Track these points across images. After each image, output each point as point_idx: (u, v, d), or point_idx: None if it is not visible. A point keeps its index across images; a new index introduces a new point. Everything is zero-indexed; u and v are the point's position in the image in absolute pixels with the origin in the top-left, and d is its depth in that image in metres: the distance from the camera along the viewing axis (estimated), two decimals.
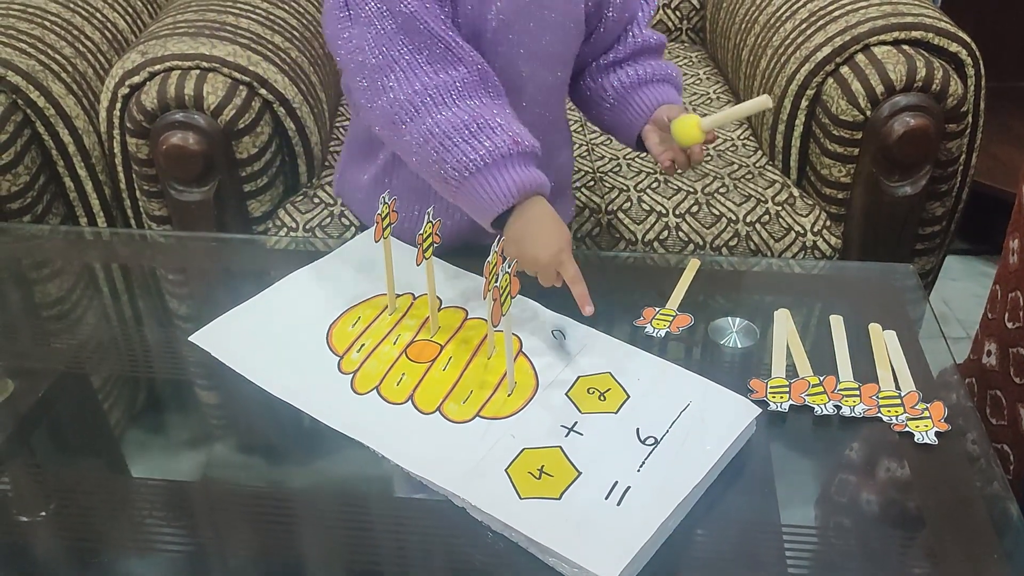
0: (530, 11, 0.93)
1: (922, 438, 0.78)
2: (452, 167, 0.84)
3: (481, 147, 0.82)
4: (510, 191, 0.83)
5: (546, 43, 0.95)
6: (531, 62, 0.96)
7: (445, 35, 0.84)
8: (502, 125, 0.84)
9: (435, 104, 0.84)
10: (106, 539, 0.72)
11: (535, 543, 0.66)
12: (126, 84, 1.26)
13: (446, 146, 0.83)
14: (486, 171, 0.83)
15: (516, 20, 0.92)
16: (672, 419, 0.76)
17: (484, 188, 0.83)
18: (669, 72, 1.04)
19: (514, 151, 0.83)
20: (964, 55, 1.32)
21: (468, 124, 0.83)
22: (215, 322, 0.89)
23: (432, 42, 0.84)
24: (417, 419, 0.77)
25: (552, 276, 0.83)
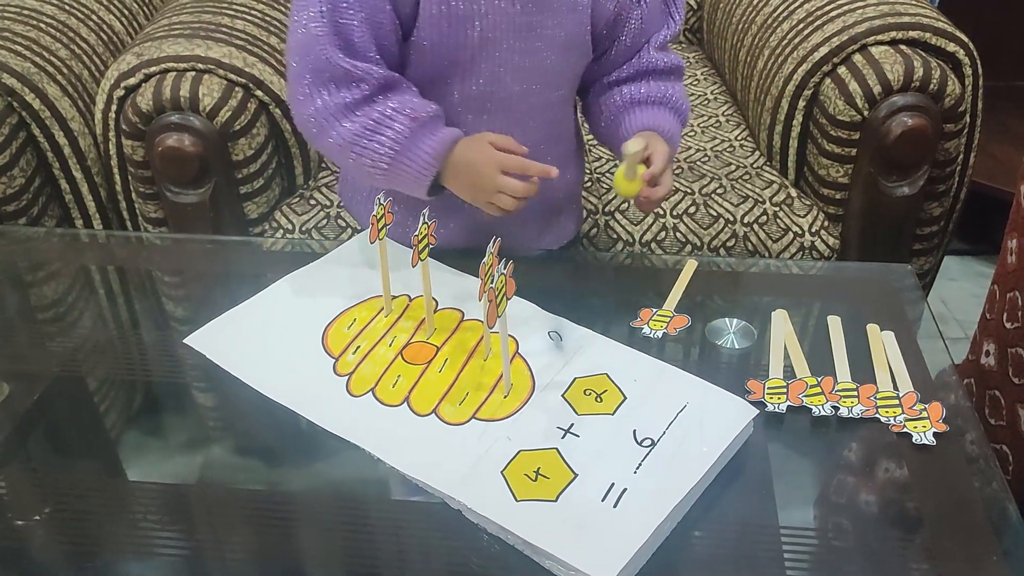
0: (522, 30, 0.91)
1: (920, 439, 0.77)
2: (370, 165, 0.89)
3: (385, 139, 0.87)
4: (427, 163, 0.88)
5: (544, 62, 0.94)
6: (525, 80, 0.94)
7: (342, 63, 0.87)
8: (396, 109, 0.88)
9: (335, 120, 0.88)
10: (102, 542, 0.72)
11: (531, 545, 0.66)
12: (121, 86, 1.26)
13: (356, 151, 0.89)
14: (400, 156, 0.88)
15: (504, 38, 0.91)
16: (669, 420, 0.76)
17: (405, 171, 0.89)
18: (667, 94, 1.01)
19: (415, 126, 0.88)
20: (961, 55, 1.32)
21: (366, 125, 0.88)
22: (210, 324, 0.89)
23: (330, 67, 0.87)
24: (413, 421, 0.77)
25: (507, 201, 0.88)
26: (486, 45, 0.90)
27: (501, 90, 0.93)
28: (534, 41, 0.92)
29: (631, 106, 1.00)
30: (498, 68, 0.92)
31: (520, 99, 0.95)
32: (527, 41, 0.92)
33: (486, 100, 0.93)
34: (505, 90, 0.94)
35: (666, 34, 1.01)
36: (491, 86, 0.93)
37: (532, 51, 0.92)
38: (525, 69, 0.93)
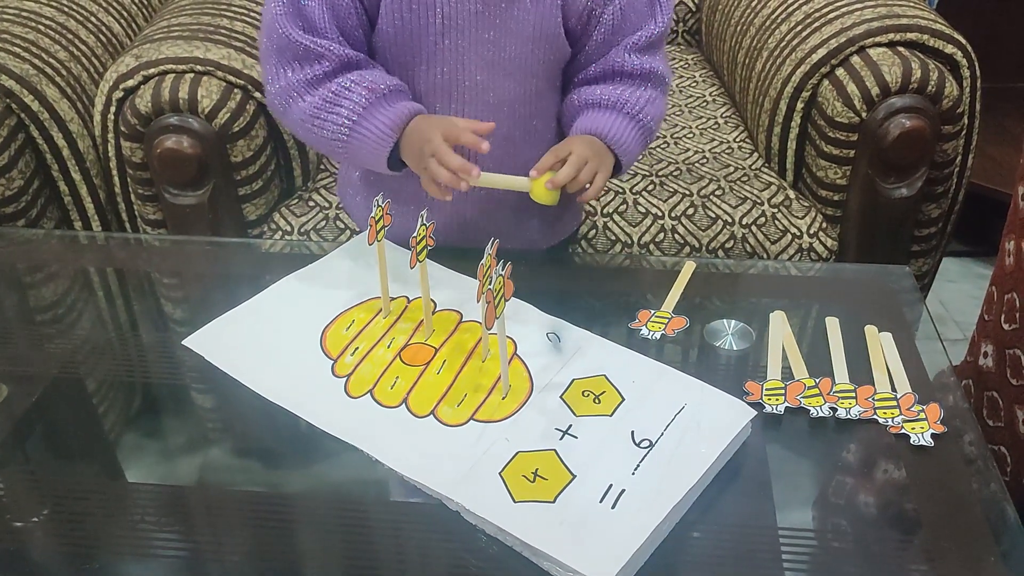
0: (485, 19, 0.91)
1: (918, 440, 0.77)
2: (330, 138, 0.91)
3: (343, 109, 0.89)
4: (384, 133, 0.89)
5: (510, 53, 0.93)
6: (490, 70, 0.94)
7: (301, 40, 0.89)
8: (355, 81, 0.89)
9: (298, 95, 0.91)
10: (101, 543, 0.72)
11: (529, 547, 0.66)
12: (120, 88, 1.26)
13: (317, 124, 0.91)
14: (356, 127, 0.89)
15: (467, 27, 0.91)
16: (667, 422, 0.76)
17: (364, 142, 0.90)
18: (623, 98, 0.96)
19: (372, 99, 0.89)
20: (959, 56, 1.32)
21: (326, 98, 0.90)
22: (209, 326, 0.89)
23: (291, 44, 0.89)
24: (411, 422, 0.77)
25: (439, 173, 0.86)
26: (449, 32, 0.90)
27: (466, 79, 0.93)
28: (498, 31, 0.92)
29: (582, 109, 0.98)
30: (462, 56, 0.92)
31: (486, 89, 0.94)
32: (491, 31, 0.91)
33: (452, 88, 0.94)
34: (470, 79, 0.93)
35: (644, 35, 0.97)
36: (455, 74, 0.93)
37: (496, 41, 0.92)
38: (490, 59, 0.93)
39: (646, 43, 0.97)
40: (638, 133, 0.97)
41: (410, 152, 0.90)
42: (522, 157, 0.96)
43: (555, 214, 1.07)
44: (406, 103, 0.91)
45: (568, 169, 0.89)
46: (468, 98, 0.94)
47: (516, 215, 1.04)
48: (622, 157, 0.96)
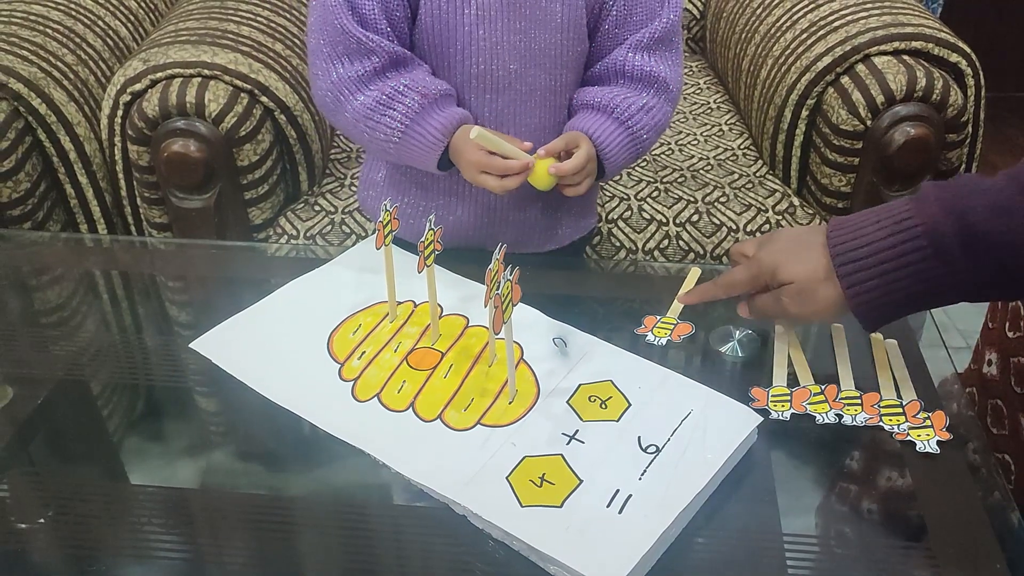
0: (516, 11, 0.93)
1: (924, 447, 0.77)
2: (383, 139, 0.94)
3: (397, 113, 0.92)
4: (436, 138, 0.92)
5: (541, 43, 0.95)
6: (523, 60, 0.96)
7: (355, 31, 0.91)
8: (408, 86, 0.92)
9: (350, 92, 0.93)
10: (105, 546, 0.72)
11: (536, 551, 0.66)
12: (128, 91, 1.26)
13: (369, 125, 0.93)
14: (410, 131, 0.92)
15: (499, 16, 0.93)
16: (673, 427, 0.76)
17: (415, 145, 0.93)
18: (614, 102, 0.97)
19: (425, 103, 0.92)
20: (964, 65, 1.33)
21: (379, 99, 0.92)
22: (215, 329, 0.89)
23: (344, 37, 0.92)
24: (418, 427, 0.77)
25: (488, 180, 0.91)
26: (482, 23, 0.93)
27: (499, 68, 0.95)
28: (528, 21, 0.94)
29: (577, 108, 1.00)
30: (495, 47, 0.94)
31: (519, 79, 0.96)
32: (521, 21, 0.94)
33: (486, 78, 0.96)
34: (503, 68, 0.95)
35: (649, 32, 0.97)
36: (489, 65, 0.95)
37: (527, 32, 0.94)
38: (522, 49, 0.95)
39: (651, 40, 0.98)
40: (627, 140, 0.97)
41: (458, 163, 0.94)
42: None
43: (581, 206, 1.09)
44: (455, 109, 0.94)
45: (574, 163, 0.91)
46: (502, 87, 0.96)
47: (546, 207, 1.05)
48: (606, 162, 0.97)
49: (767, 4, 1.57)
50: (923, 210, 0.72)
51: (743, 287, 0.84)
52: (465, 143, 0.91)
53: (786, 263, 0.78)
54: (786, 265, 0.78)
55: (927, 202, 0.72)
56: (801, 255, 0.78)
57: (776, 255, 0.80)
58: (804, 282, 0.77)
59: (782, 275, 0.79)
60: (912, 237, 0.71)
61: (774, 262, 0.79)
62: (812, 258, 0.77)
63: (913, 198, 0.74)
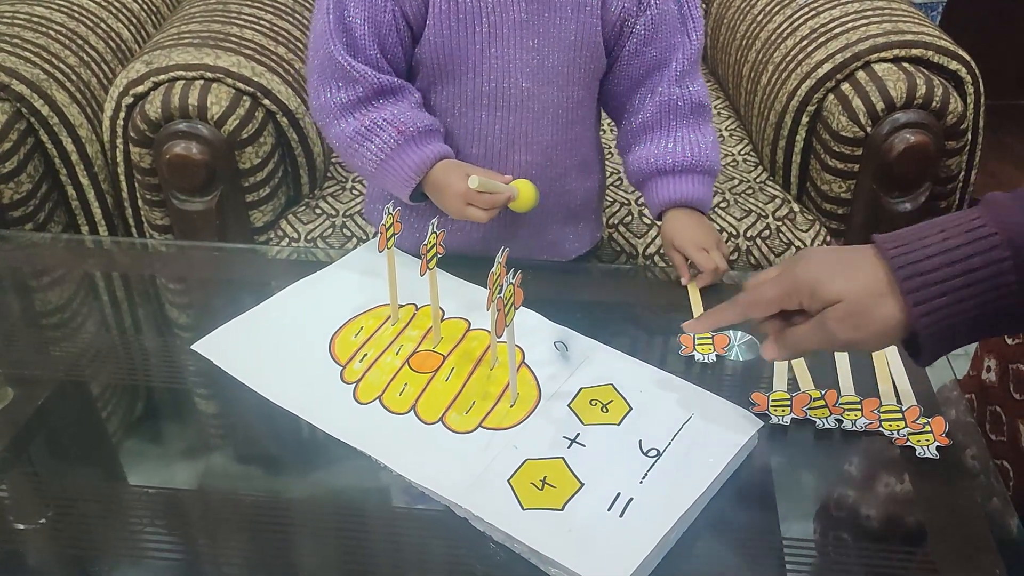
0: (529, 28, 0.93)
1: (923, 452, 0.78)
2: (361, 166, 0.97)
3: (373, 146, 0.94)
4: (408, 175, 0.94)
5: (554, 61, 0.96)
6: (535, 78, 0.96)
7: (342, 59, 0.93)
8: (388, 120, 0.93)
9: (334, 118, 0.95)
10: (105, 548, 0.72)
11: (537, 554, 0.66)
12: (130, 93, 1.26)
13: (350, 152, 0.96)
14: (385, 165, 0.94)
15: (512, 34, 0.93)
16: (674, 431, 0.76)
17: (390, 178, 0.95)
18: (696, 157, 0.99)
19: (401, 140, 0.93)
20: (964, 73, 1.33)
21: (359, 130, 0.94)
22: (217, 331, 0.89)
23: (332, 63, 0.93)
24: (420, 429, 0.77)
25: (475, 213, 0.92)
26: (494, 41, 0.93)
27: (511, 86, 0.96)
28: (541, 39, 0.94)
29: (655, 175, 1.01)
30: (507, 64, 0.94)
31: (532, 96, 0.97)
32: (534, 39, 0.94)
33: (498, 96, 0.96)
34: (515, 86, 0.96)
35: (683, 59, 0.99)
36: (501, 82, 0.95)
37: (539, 49, 0.95)
38: (534, 66, 0.95)
39: (688, 67, 1.00)
40: (709, 183, 1.01)
41: (435, 198, 0.96)
42: (562, 163, 1.01)
43: (588, 221, 1.11)
44: (431, 147, 0.94)
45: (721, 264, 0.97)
46: (514, 105, 0.97)
47: (554, 223, 1.06)
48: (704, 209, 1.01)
49: (768, 11, 1.58)
50: (998, 217, 0.61)
51: (771, 307, 0.69)
52: (448, 179, 0.93)
53: (831, 278, 0.64)
54: (831, 281, 0.64)
55: (1001, 208, 0.62)
56: (848, 269, 0.64)
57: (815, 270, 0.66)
58: (856, 299, 0.63)
59: (825, 292, 0.64)
60: (990, 247, 0.60)
61: (813, 278, 0.65)
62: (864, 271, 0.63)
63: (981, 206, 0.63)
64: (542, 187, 0.98)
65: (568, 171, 0.97)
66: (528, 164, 0.99)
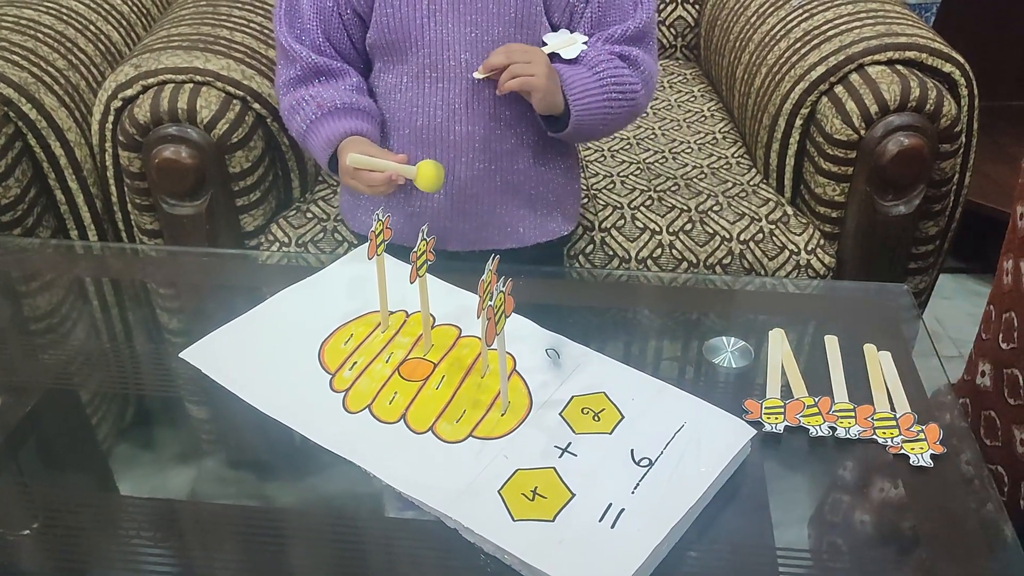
0: (468, 4, 0.98)
1: (917, 460, 0.77)
2: (294, 138, 1.06)
3: (298, 119, 1.03)
4: (322, 146, 1.01)
5: (494, 36, 1.00)
6: (472, 51, 1.00)
7: (283, 39, 1.02)
8: (312, 96, 1.01)
9: (280, 95, 1.05)
10: (93, 557, 0.72)
11: (528, 565, 0.66)
12: (119, 97, 1.25)
13: (288, 126, 1.06)
14: (308, 135, 1.02)
15: (451, 10, 0.98)
16: (667, 440, 0.75)
17: (311, 148, 1.04)
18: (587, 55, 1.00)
19: (319, 114, 1.01)
20: (957, 75, 1.33)
21: (291, 104, 1.03)
22: (206, 339, 0.88)
23: (278, 45, 1.04)
24: (409, 438, 0.77)
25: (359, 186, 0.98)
26: (434, 15, 0.99)
27: (451, 58, 1.00)
28: (480, 14, 0.99)
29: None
30: (446, 37, 0.99)
31: (471, 68, 1.00)
32: (473, 14, 0.99)
33: (439, 68, 1.01)
34: (455, 59, 1.00)
35: (621, 29, 1.01)
36: (442, 55, 1.00)
37: (479, 24, 0.99)
38: (473, 40, 0.99)
39: (623, 37, 1.01)
40: (594, 84, 1.00)
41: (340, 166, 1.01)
42: (507, 139, 1.04)
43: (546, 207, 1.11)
44: (345, 123, 1.01)
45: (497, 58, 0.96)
46: (454, 75, 1.01)
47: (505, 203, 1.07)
48: (571, 97, 0.99)
49: (761, 13, 1.57)
50: None
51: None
52: (342, 155, 0.99)
53: None
54: None
55: None
56: None
57: None
58: None
59: None
60: None
61: None
62: None
63: None
64: (486, 161, 1.03)
65: (516, 150, 1.02)
66: (469, 135, 1.03)
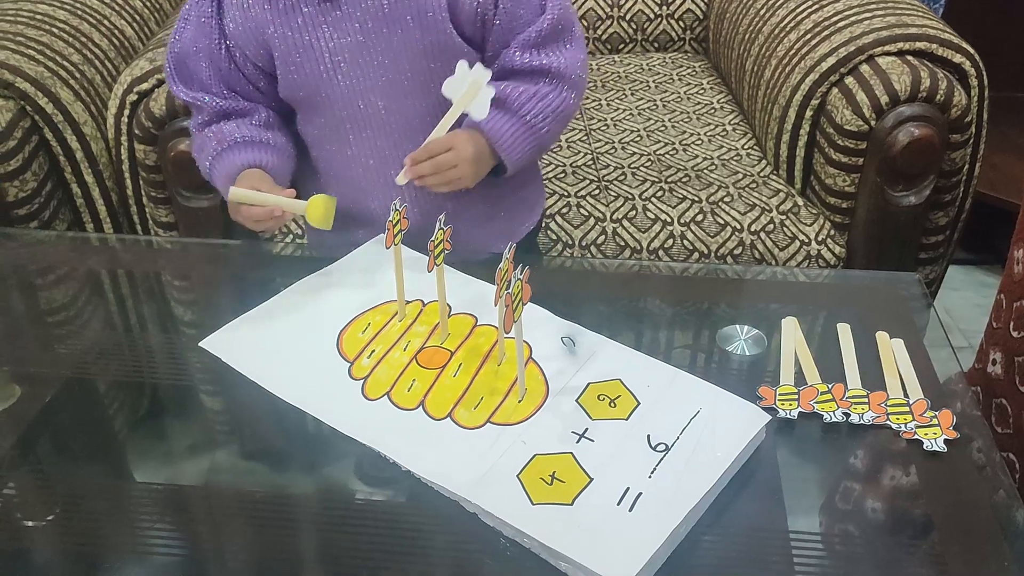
0: (371, 48, 0.93)
1: (931, 446, 0.78)
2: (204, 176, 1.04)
3: (202, 158, 1.01)
4: (222, 180, 0.99)
5: (407, 74, 0.95)
6: (387, 96, 0.96)
7: (184, 97, 1.00)
8: (214, 133, 0.99)
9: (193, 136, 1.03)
10: (112, 544, 0.72)
11: (547, 548, 0.66)
12: (134, 91, 1.26)
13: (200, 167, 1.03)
14: (212, 172, 1.01)
15: (354, 58, 0.94)
16: (683, 426, 0.76)
17: (216, 184, 1.01)
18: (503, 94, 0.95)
19: (219, 149, 0.99)
20: (967, 66, 1.33)
21: (198, 145, 1.02)
22: (225, 328, 0.89)
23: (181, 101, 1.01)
24: (428, 425, 0.77)
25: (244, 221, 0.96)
26: (339, 67, 0.95)
27: (367, 107, 0.97)
28: (387, 55, 0.94)
29: None
30: (357, 87, 0.96)
31: (391, 113, 0.97)
32: (379, 56, 0.94)
33: (357, 119, 0.98)
34: (371, 107, 0.97)
35: (533, 31, 0.95)
36: (356, 105, 0.97)
37: (389, 65, 0.94)
38: (386, 84, 0.95)
39: (538, 38, 0.96)
40: (521, 129, 0.96)
41: None
42: None
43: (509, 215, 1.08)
44: (243, 156, 0.98)
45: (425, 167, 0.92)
46: (375, 124, 0.98)
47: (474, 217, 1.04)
48: (502, 152, 0.96)
49: (771, 4, 1.58)
50: None
51: None
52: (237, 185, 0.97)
53: None
54: None
55: None
56: None
57: None
58: None
59: None
60: None
61: None
62: None
63: None
64: (433, 197, 0.99)
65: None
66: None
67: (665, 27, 1.93)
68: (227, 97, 0.99)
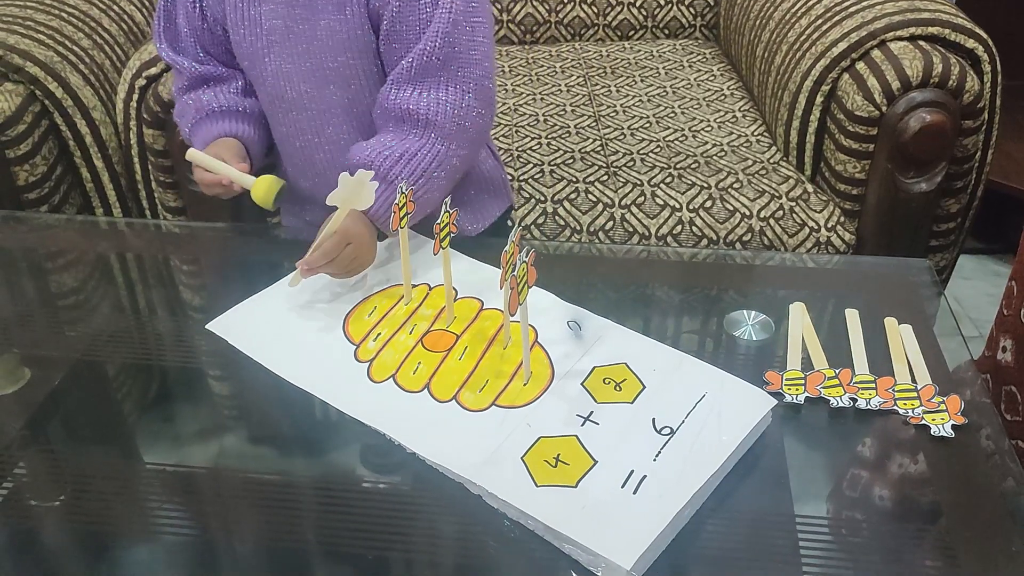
0: (296, 35, 0.94)
1: (938, 431, 0.77)
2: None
3: (183, 124, 1.05)
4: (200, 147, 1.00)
5: (330, 64, 0.95)
6: (312, 81, 0.96)
7: (166, 56, 1.03)
8: (193, 101, 1.02)
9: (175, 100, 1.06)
10: (121, 525, 0.73)
11: (552, 530, 0.66)
12: (143, 75, 1.27)
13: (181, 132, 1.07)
14: (192, 139, 1.03)
15: (283, 42, 0.95)
16: (688, 410, 0.76)
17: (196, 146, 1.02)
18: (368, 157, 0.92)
19: (198, 118, 1.02)
20: (981, 51, 1.32)
21: (179, 111, 1.06)
22: (232, 310, 0.89)
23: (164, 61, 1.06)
24: (433, 407, 0.77)
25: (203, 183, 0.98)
26: (270, 49, 0.97)
27: (291, 90, 0.98)
28: (311, 44, 0.95)
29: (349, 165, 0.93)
30: (283, 68, 0.97)
31: (313, 99, 0.98)
32: (303, 43, 0.95)
33: (283, 100, 0.99)
34: (295, 90, 0.98)
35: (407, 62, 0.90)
36: (283, 87, 0.98)
37: (313, 54, 0.95)
38: (308, 70, 0.96)
39: (411, 72, 0.91)
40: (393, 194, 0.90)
41: None
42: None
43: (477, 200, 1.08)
44: (220, 126, 1.01)
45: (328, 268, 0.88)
46: (298, 107, 0.99)
47: None
48: (382, 225, 0.93)
49: None
50: None
51: None
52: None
53: None
54: None
55: None
56: None
57: None
58: None
59: None
60: None
61: None
62: None
63: None
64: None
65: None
66: (330, 164, 0.99)
67: (676, 13, 1.91)
68: (204, 62, 1.02)
